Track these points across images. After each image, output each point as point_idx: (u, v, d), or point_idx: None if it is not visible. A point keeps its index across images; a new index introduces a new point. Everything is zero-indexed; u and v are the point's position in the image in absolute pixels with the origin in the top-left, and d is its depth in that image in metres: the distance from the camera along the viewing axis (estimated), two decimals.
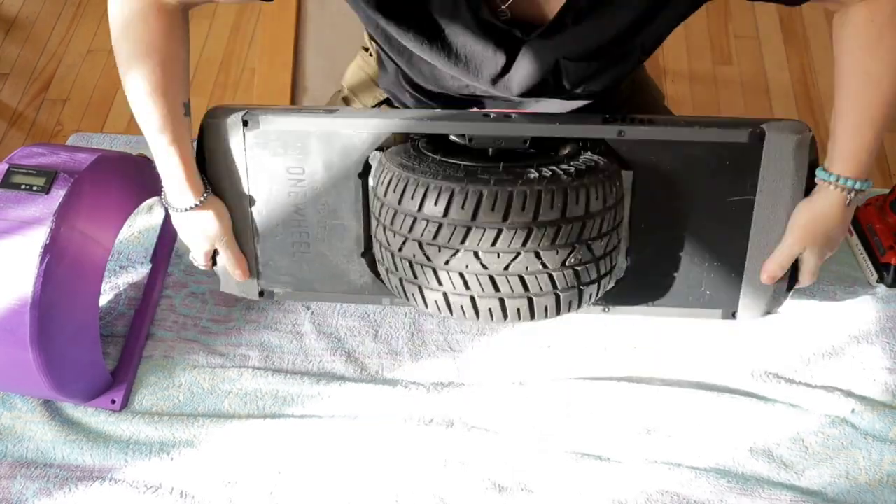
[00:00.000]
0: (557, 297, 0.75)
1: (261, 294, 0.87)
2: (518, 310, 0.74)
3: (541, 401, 0.94)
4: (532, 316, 0.75)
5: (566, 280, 0.74)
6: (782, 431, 0.91)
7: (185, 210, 0.84)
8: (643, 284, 0.85)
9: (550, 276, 0.73)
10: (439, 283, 0.74)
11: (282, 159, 0.83)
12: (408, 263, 0.75)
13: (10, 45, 2.26)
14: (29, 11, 2.33)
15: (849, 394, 0.93)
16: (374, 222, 0.81)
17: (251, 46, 2.15)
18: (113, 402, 0.97)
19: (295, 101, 1.38)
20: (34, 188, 0.86)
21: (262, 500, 0.90)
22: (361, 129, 0.81)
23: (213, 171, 0.87)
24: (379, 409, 0.95)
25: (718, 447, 0.90)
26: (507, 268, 0.72)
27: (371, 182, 0.83)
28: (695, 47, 2.18)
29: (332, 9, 1.46)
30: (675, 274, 0.84)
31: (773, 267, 0.82)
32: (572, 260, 0.73)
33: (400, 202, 0.73)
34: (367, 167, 0.83)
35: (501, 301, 0.74)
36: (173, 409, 0.98)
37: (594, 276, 0.76)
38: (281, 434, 0.94)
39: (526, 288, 0.73)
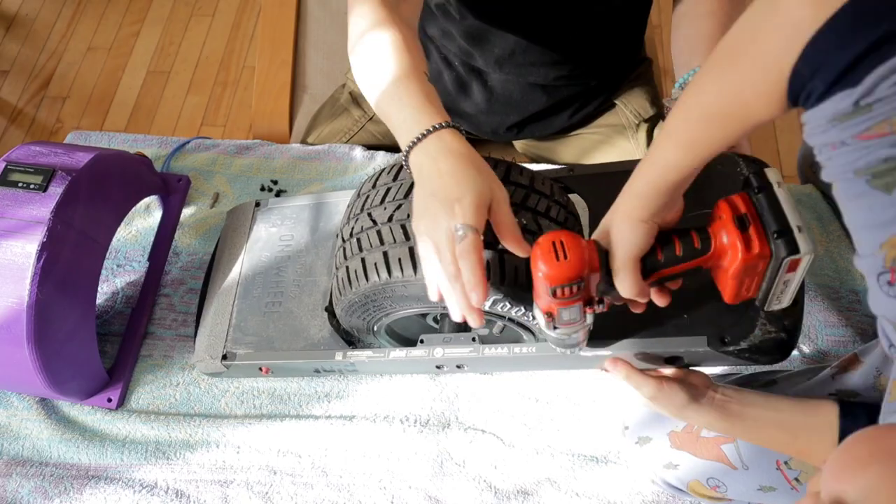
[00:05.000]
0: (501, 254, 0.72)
1: (224, 357, 0.92)
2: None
3: (537, 403, 0.94)
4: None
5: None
6: None
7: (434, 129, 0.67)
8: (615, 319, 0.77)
9: None
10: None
11: (277, 230, 1.01)
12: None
13: (10, 43, 2.26)
14: (29, 9, 2.33)
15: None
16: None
17: (251, 44, 2.15)
18: (109, 400, 0.97)
19: (294, 100, 1.37)
20: (31, 186, 0.86)
21: (257, 500, 0.90)
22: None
23: (220, 246, 1.04)
24: (375, 410, 0.96)
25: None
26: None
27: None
28: None
29: (332, 7, 1.46)
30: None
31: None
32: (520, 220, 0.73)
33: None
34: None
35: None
36: (169, 408, 0.98)
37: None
38: (277, 434, 0.94)
39: None
